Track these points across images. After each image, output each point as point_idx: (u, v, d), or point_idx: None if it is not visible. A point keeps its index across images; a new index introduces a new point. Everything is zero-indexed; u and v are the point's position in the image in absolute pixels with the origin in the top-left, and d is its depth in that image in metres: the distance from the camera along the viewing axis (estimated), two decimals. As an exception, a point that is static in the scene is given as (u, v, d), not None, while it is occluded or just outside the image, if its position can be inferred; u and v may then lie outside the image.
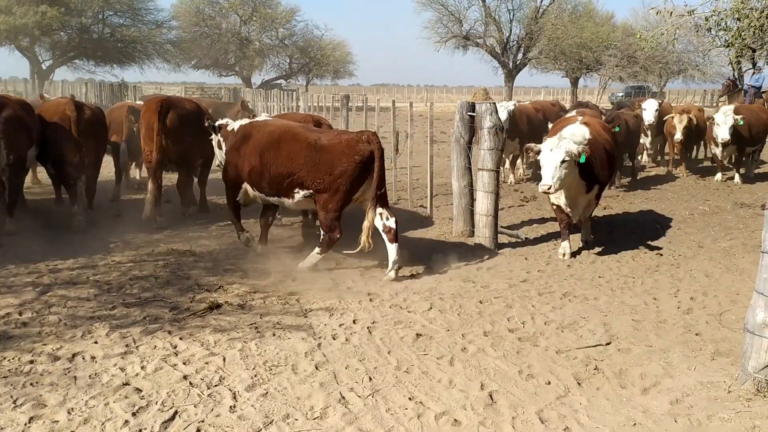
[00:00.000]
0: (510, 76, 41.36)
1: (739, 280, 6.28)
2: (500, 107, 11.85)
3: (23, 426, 3.42)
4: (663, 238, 8.00)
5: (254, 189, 6.55)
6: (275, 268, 6.34)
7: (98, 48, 35.94)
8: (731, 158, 12.42)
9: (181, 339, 4.59)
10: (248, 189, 6.63)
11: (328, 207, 6.08)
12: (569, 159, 6.35)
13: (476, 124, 7.56)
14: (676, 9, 10.30)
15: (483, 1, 39.72)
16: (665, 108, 13.90)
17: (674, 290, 6.00)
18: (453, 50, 42.40)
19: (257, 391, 3.85)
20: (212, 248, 7.17)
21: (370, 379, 4.04)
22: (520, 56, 40.99)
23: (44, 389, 3.81)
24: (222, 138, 7.03)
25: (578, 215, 7.27)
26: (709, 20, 9.24)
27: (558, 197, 7.00)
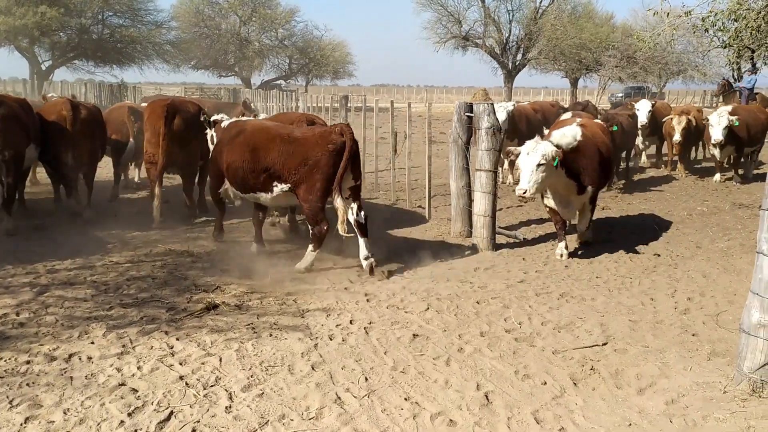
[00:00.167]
0: (509, 77, 41.34)
1: (737, 281, 6.28)
2: (499, 108, 11.87)
3: (19, 426, 3.43)
4: (661, 239, 8.01)
5: (233, 186, 6.71)
6: (273, 269, 6.35)
7: (98, 48, 35.94)
8: (730, 159, 12.43)
9: (178, 339, 4.60)
10: (228, 186, 6.80)
11: (309, 198, 6.17)
12: (545, 162, 6.27)
13: (474, 125, 7.57)
14: (674, 10, 10.34)
15: (482, 2, 39.70)
16: (663, 108, 13.91)
17: (671, 291, 6.01)
18: (452, 51, 42.40)
19: (253, 392, 3.86)
20: (210, 249, 7.18)
21: (366, 380, 4.04)
22: (520, 57, 40.95)
23: (40, 389, 3.81)
24: (215, 133, 7.26)
25: (572, 216, 7.25)
26: (706, 21, 9.25)
27: (549, 199, 6.99)
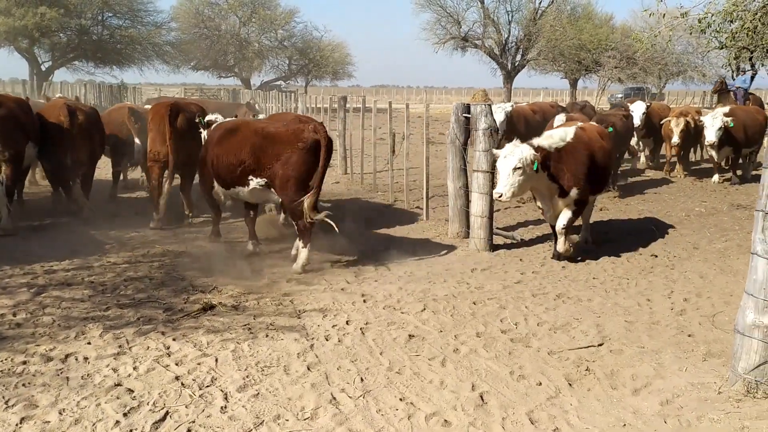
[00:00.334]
0: (509, 78, 41.36)
1: (733, 282, 6.29)
2: (497, 108, 11.90)
3: (14, 426, 3.43)
4: (658, 240, 8.01)
5: (216, 181, 6.90)
6: (270, 270, 6.36)
7: (97, 49, 36.02)
8: (728, 160, 12.44)
9: (174, 340, 4.61)
10: (214, 182, 6.99)
11: (286, 194, 6.29)
12: (522, 166, 6.21)
13: (471, 126, 7.58)
14: (670, 11, 10.35)
15: (481, 3, 39.72)
16: (661, 109, 13.92)
17: (668, 291, 6.01)
18: (451, 51, 42.40)
19: (249, 392, 3.86)
20: (208, 249, 7.18)
21: (362, 380, 4.05)
22: (519, 57, 40.98)
23: (36, 390, 3.82)
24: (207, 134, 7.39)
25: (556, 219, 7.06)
26: (702, 22, 9.27)
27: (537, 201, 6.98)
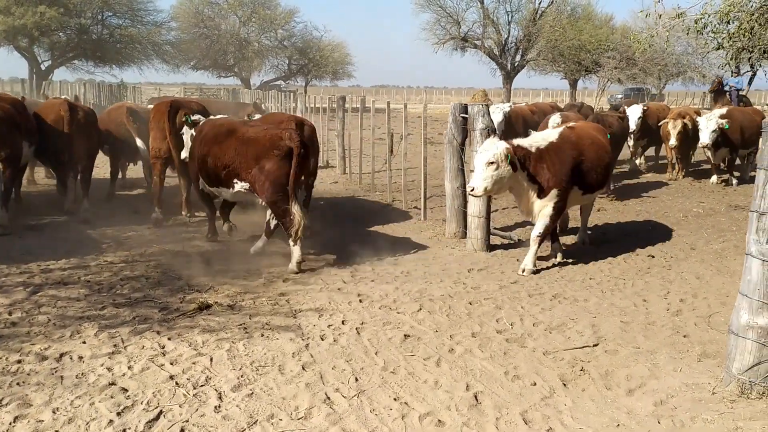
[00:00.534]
0: (508, 78, 41.37)
1: (730, 282, 6.28)
2: (496, 109, 11.92)
3: (8, 425, 3.43)
4: (656, 240, 8.01)
5: (203, 180, 7.00)
6: (267, 269, 6.36)
7: (97, 48, 36.00)
8: (725, 161, 12.44)
9: (170, 339, 4.60)
10: (201, 180, 7.08)
11: (267, 197, 6.36)
12: (495, 161, 6.17)
13: (469, 126, 7.58)
14: (666, 12, 10.36)
15: (481, 3, 39.74)
16: (660, 110, 13.91)
17: (664, 292, 6.01)
18: (451, 52, 42.44)
19: (243, 392, 3.86)
20: (204, 249, 7.19)
21: (356, 380, 4.05)
22: (518, 58, 41.00)
23: (30, 389, 3.82)
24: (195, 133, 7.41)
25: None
26: (698, 23, 9.26)
27: None
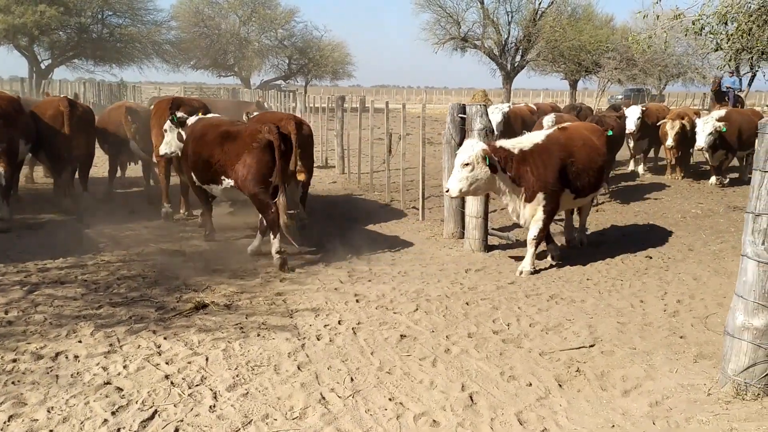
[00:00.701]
0: (508, 78, 41.37)
1: (727, 283, 6.28)
2: (495, 109, 11.93)
3: (2, 424, 3.43)
4: (653, 241, 8.00)
5: (195, 176, 7.13)
6: (264, 269, 6.36)
7: (97, 48, 36.03)
8: (723, 162, 12.43)
9: (166, 339, 4.60)
10: (193, 176, 7.20)
11: (248, 190, 6.44)
12: (470, 162, 6.11)
13: (467, 126, 7.57)
14: (665, 13, 10.34)
15: (481, 3, 39.74)
16: (659, 111, 13.91)
17: (662, 293, 6.01)
18: (451, 52, 42.45)
19: (238, 391, 3.86)
20: (202, 248, 7.19)
21: (352, 380, 4.05)
22: (518, 58, 41.00)
23: (25, 388, 3.82)
24: (185, 132, 7.45)
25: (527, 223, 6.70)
26: (696, 24, 9.25)
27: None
